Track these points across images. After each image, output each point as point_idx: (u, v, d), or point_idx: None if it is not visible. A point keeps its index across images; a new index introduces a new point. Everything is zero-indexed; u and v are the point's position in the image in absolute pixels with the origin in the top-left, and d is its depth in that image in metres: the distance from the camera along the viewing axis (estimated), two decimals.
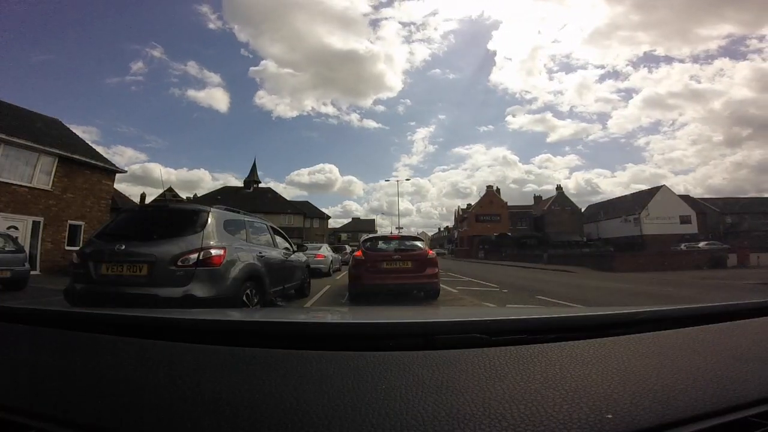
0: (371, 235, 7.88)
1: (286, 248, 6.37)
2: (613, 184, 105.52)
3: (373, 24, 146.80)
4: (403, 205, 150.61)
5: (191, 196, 45.61)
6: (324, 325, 0.99)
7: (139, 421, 0.50)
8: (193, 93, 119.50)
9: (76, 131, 17.43)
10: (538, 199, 53.91)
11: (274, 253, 5.57)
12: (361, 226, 66.27)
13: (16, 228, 12.47)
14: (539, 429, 0.45)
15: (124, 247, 3.68)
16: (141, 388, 0.57)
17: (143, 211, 4.95)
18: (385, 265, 6.22)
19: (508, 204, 50.86)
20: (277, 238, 6.16)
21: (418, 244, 6.88)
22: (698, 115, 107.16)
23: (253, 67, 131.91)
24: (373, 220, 69.86)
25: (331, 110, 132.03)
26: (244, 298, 4.12)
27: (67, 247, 14.13)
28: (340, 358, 0.65)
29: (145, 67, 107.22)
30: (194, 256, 3.67)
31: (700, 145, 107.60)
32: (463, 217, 55.88)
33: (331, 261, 13.96)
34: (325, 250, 14.11)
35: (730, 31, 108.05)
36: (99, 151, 16.97)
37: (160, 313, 1.17)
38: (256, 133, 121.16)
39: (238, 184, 45.46)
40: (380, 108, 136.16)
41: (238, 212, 5.08)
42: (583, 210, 50.28)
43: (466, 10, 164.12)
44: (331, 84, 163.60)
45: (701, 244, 27.10)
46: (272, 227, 6.22)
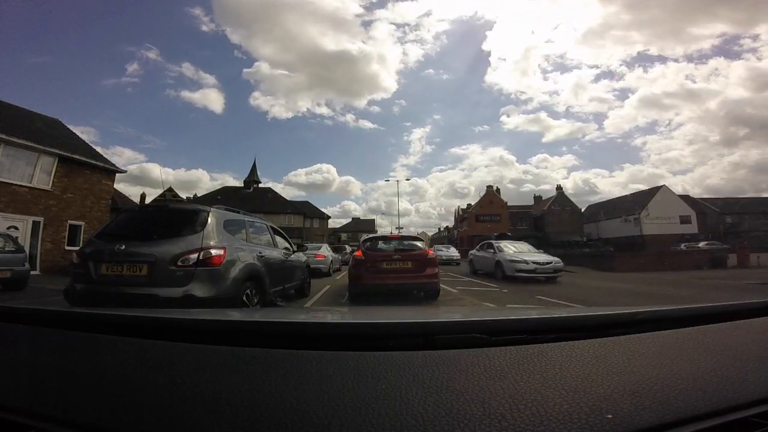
0: (371, 235, 7.88)
1: (286, 248, 6.37)
2: (611, 184, 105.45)
3: (366, 25, 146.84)
4: (402, 205, 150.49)
5: (191, 196, 45.63)
6: (324, 325, 0.99)
7: (139, 421, 0.50)
8: (190, 94, 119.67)
9: (74, 132, 17.47)
10: (538, 199, 53.76)
11: (274, 253, 5.57)
12: (361, 226, 66.20)
13: (16, 228, 12.47)
14: (539, 429, 0.45)
15: (124, 247, 3.70)
16: (141, 388, 0.57)
17: (143, 211, 4.96)
18: (385, 265, 6.23)
19: (508, 204, 50.69)
20: (277, 238, 6.16)
21: (418, 244, 6.87)
22: (694, 115, 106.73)
23: (247, 69, 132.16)
24: (373, 220, 69.70)
25: (326, 111, 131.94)
26: (244, 298, 4.13)
27: (67, 247, 14.13)
28: (340, 358, 0.65)
29: (140, 69, 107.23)
30: (194, 256, 3.69)
31: (697, 145, 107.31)
32: (463, 217, 55.69)
33: (331, 261, 14.04)
34: (325, 250, 14.18)
35: (724, 30, 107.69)
36: (98, 151, 17.02)
37: (160, 313, 1.17)
38: (253, 134, 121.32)
39: (237, 184, 45.34)
40: (375, 109, 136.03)
41: (238, 212, 5.08)
42: (583, 210, 50.10)
43: (460, 11, 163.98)
44: (326, 85, 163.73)
45: (701, 244, 27.03)
46: (272, 227, 6.23)
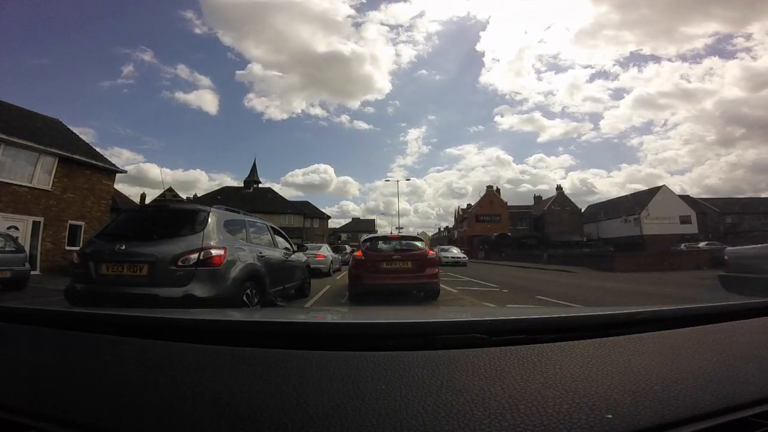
0: (371, 235, 7.89)
1: (286, 248, 6.39)
2: (609, 185, 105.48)
3: (358, 26, 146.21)
4: (401, 205, 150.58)
5: (191, 197, 45.56)
6: (324, 325, 0.99)
7: (139, 421, 0.50)
8: (186, 96, 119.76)
9: (74, 132, 17.48)
10: (538, 199, 53.76)
11: (275, 253, 5.57)
12: (360, 226, 66.12)
13: (17, 228, 12.47)
14: (539, 429, 0.45)
15: (124, 247, 3.71)
16: (141, 388, 0.57)
17: (143, 212, 4.99)
18: (385, 266, 6.22)
19: (508, 204, 50.63)
20: (278, 238, 6.17)
21: (418, 244, 6.86)
22: (690, 115, 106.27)
23: (240, 71, 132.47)
24: (373, 220, 69.51)
25: (320, 112, 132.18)
26: (245, 298, 4.15)
27: (68, 247, 14.12)
28: (340, 358, 0.65)
29: (136, 71, 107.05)
30: (194, 256, 3.70)
31: (694, 145, 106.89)
32: (463, 217, 55.54)
33: (331, 261, 14.17)
34: (325, 251, 14.32)
35: (717, 30, 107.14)
36: (98, 151, 17.02)
37: (160, 313, 1.17)
38: (250, 135, 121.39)
39: (235, 184, 45.11)
40: (369, 109, 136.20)
41: (238, 212, 5.09)
42: (583, 210, 50.01)
43: (452, 11, 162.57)
44: (319, 85, 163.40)
45: (701, 245, 26.99)
46: (272, 227, 6.23)
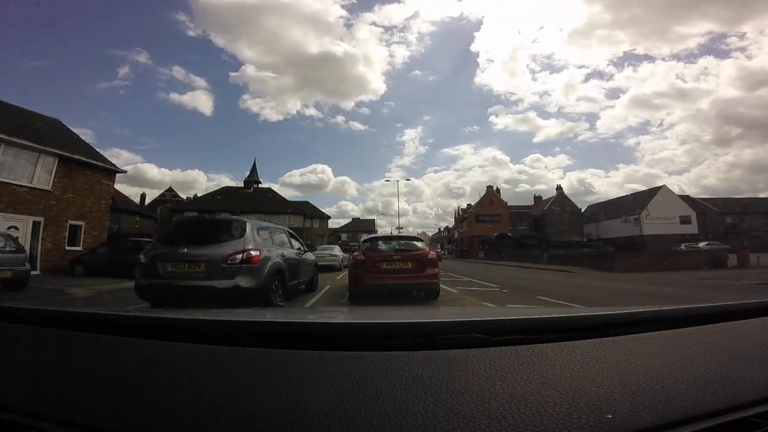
0: (371, 236, 7.96)
1: (299, 248, 7.13)
2: (607, 185, 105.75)
3: (350, 26, 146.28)
4: (400, 205, 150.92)
5: (191, 197, 45.52)
6: (324, 325, 0.99)
7: (139, 421, 0.50)
8: (182, 97, 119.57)
9: (74, 132, 17.41)
10: (538, 199, 53.64)
11: (292, 253, 6.44)
12: (360, 227, 65.93)
13: (17, 228, 12.46)
14: (539, 429, 0.45)
15: (186, 250, 4.65)
16: (141, 388, 0.57)
17: (195, 221, 5.92)
18: (385, 266, 6.19)
19: (508, 204, 50.52)
20: (292, 240, 7.02)
21: (418, 244, 6.83)
22: (686, 115, 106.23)
23: (234, 72, 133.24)
24: (373, 220, 69.21)
25: (316, 113, 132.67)
26: (273, 288, 5.06)
27: (68, 247, 14.12)
28: (340, 358, 0.65)
29: (132, 72, 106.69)
30: (239, 256, 4.65)
31: (690, 145, 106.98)
32: (463, 217, 55.32)
33: (342, 259, 17.50)
34: (338, 251, 18.23)
35: (710, 29, 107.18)
36: (98, 151, 16.97)
37: (160, 313, 1.17)
38: (246, 136, 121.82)
39: (233, 184, 44.70)
40: (365, 110, 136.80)
41: (265, 221, 6.14)
42: (583, 210, 49.88)
43: (446, 12, 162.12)
44: (314, 87, 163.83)
45: (701, 245, 26.92)
46: (289, 231, 7.10)
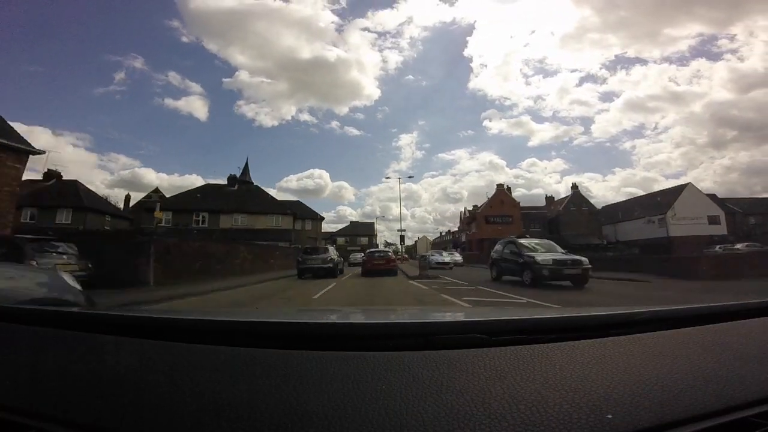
0: (370, 249, 21.33)
1: (337, 254, 18.34)
2: (605, 189, 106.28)
3: (341, 31, 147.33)
4: (398, 210, 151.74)
5: (177, 194, 44.08)
6: (324, 325, 0.99)
7: (139, 421, 0.50)
8: (178, 102, 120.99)
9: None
10: (550, 199, 51.88)
11: (339, 259, 18.24)
12: (359, 230, 64.91)
13: None
14: (539, 429, 0.45)
15: (313, 256, 16.33)
16: (141, 388, 0.57)
17: (311, 246, 20.74)
18: (374, 262, 17.09)
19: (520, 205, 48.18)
20: (338, 254, 18.93)
21: (389, 252, 19.78)
22: (680, 118, 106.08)
23: (227, 78, 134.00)
24: (372, 223, 68.20)
25: (310, 118, 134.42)
26: (337, 269, 16.64)
27: None
28: (340, 358, 0.65)
29: (128, 78, 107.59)
30: (329, 257, 16.37)
31: (685, 148, 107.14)
32: (471, 218, 52.64)
33: (337, 262, 24.57)
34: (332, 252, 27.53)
35: (701, 31, 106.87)
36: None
37: (160, 313, 1.17)
38: (242, 141, 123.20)
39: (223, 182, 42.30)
40: (360, 116, 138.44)
41: (333, 244, 28.14)
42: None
43: (438, 17, 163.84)
44: (308, 92, 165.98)
45: (739, 246, 24.65)
46: (334, 246, 23.40)
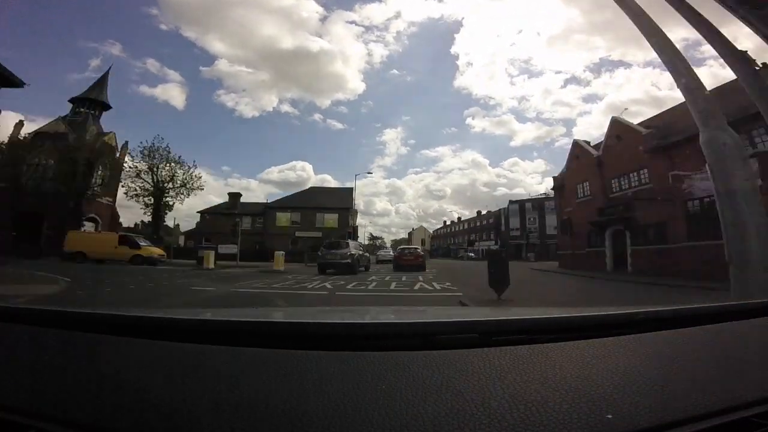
0: (401, 246, 27.38)
1: (362, 251, 20.61)
2: None
3: (324, 22, 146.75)
4: (381, 205, 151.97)
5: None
6: (324, 325, 0.98)
7: (139, 421, 0.50)
8: (154, 90, 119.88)
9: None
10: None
11: (361, 253, 19.28)
12: (322, 199, 47.97)
13: None
14: (539, 429, 0.45)
15: (333, 251, 16.99)
16: (141, 388, 0.57)
17: (332, 240, 19.05)
18: (404, 258, 20.11)
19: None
20: (360, 248, 21.67)
21: (418, 249, 22.29)
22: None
23: (205, 67, 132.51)
24: (351, 189, 52.45)
25: (292, 110, 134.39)
26: (357, 265, 16.81)
27: None
28: (341, 358, 0.64)
29: (104, 65, 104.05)
30: (349, 253, 16.76)
31: None
32: (561, 183, 25.54)
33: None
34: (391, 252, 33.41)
35: (685, 35, 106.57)
36: None
37: (160, 313, 1.17)
38: (221, 131, 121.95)
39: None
40: (343, 109, 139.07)
41: (353, 239, 26.29)
42: None
43: (427, 12, 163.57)
44: (291, 82, 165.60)
45: None
46: (360, 244, 24.79)
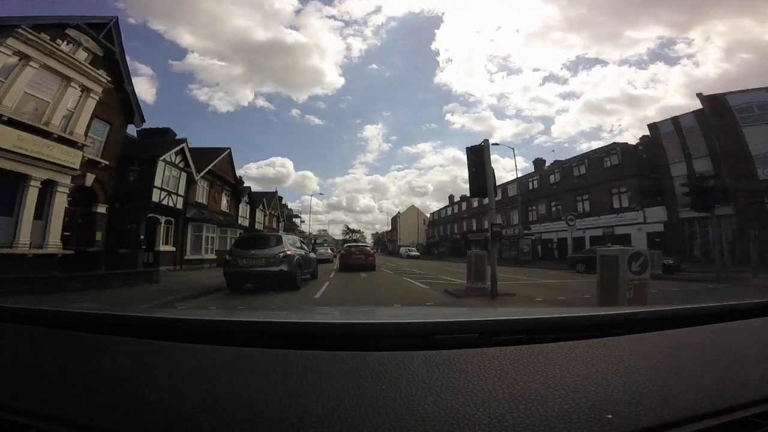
0: (348, 244, 19.90)
1: (305, 249, 11.60)
2: None
3: (299, 14, 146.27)
4: (364, 201, 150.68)
5: None
6: (324, 325, 0.98)
7: (139, 421, 0.50)
8: (140, 87, 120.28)
9: None
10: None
11: (303, 252, 10.48)
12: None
13: None
14: (539, 429, 0.45)
15: (253, 252, 8.48)
16: (141, 388, 0.57)
17: (254, 235, 12.94)
18: (353, 257, 16.39)
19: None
20: (302, 244, 11.83)
21: (367, 247, 18.69)
22: (636, 121, 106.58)
23: (175, 61, 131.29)
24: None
25: (268, 105, 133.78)
26: (297, 273, 8.80)
27: None
28: (340, 358, 0.64)
29: None
30: (281, 253, 8.41)
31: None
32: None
33: (334, 254, 28.85)
34: (329, 249, 30.75)
35: (661, 34, 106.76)
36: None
37: (160, 313, 1.17)
38: (194, 125, 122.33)
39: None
40: (321, 104, 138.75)
41: (289, 234, 13.04)
42: None
43: (408, 6, 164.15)
44: (266, 76, 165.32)
45: None
46: (301, 239, 12.78)
